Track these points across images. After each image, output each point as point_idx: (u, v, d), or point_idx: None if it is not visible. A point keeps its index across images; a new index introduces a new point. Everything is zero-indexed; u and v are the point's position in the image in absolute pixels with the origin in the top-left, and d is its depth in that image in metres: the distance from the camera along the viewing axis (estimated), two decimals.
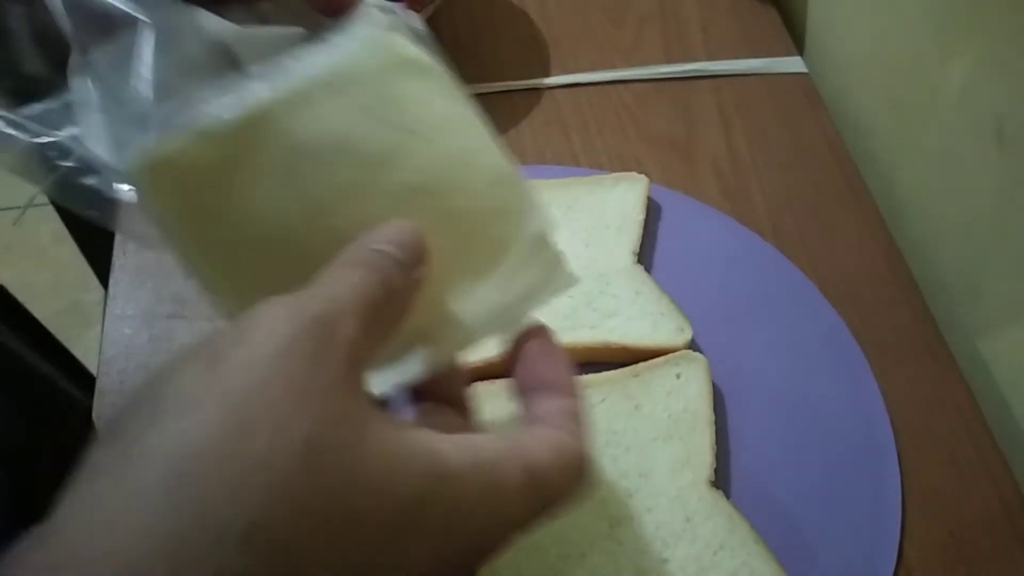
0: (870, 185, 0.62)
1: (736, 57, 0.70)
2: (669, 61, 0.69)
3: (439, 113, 0.28)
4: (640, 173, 0.58)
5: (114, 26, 0.27)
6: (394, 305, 0.24)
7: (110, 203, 0.27)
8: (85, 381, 0.62)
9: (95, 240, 1.07)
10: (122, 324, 0.53)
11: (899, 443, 0.48)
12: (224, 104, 0.25)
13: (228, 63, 0.29)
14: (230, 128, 0.25)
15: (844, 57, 0.69)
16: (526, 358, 0.27)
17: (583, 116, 0.66)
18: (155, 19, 0.27)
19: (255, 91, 0.26)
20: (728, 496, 0.45)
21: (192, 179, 0.26)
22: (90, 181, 0.27)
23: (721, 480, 0.46)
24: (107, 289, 0.55)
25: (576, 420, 0.26)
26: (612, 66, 0.69)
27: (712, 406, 0.47)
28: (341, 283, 0.23)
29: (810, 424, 0.49)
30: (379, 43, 0.28)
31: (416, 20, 0.30)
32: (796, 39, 0.73)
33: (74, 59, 0.27)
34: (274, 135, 0.26)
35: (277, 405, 0.19)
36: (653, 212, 0.58)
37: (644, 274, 0.53)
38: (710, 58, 0.70)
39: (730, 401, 0.49)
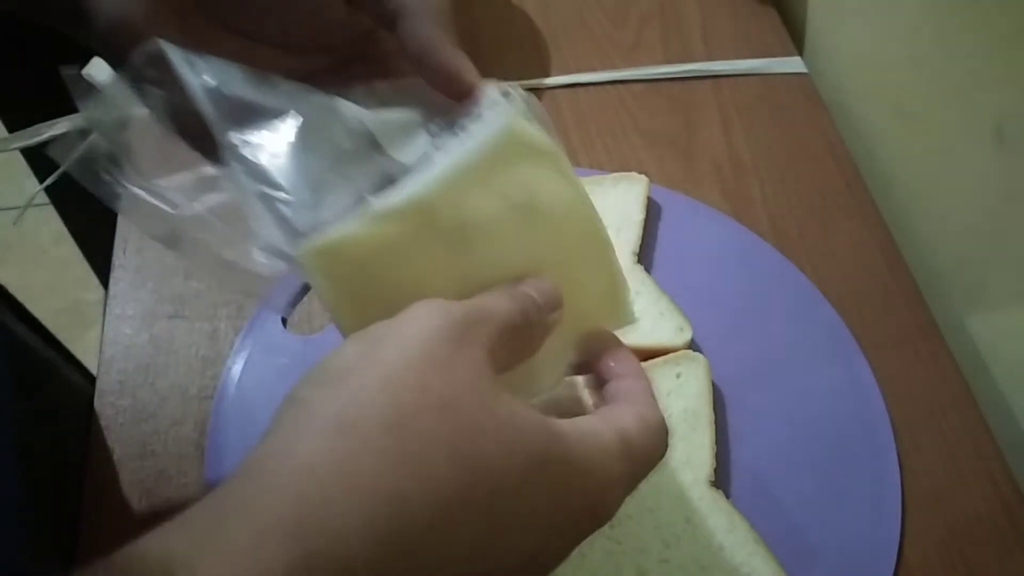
0: (870, 185, 0.62)
1: (736, 57, 0.70)
2: (669, 61, 0.69)
3: (564, 198, 0.32)
4: (640, 173, 0.58)
5: (255, 114, 0.29)
6: (527, 336, 0.28)
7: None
8: (84, 371, 0.62)
9: (95, 240, 1.07)
10: (122, 324, 0.53)
11: (899, 443, 0.48)
12: (388, 194, 0.29)
13: (368, 146, 0.31)
14: (395, 215, 0.29)
15: (844, 57, 0.69)
16: (602, 356, 0.32)
17: (583, 116, 0.66)
18: (299, 108, 0.29)
19: (413, 181, 0.29)
20: (728, 496, 0.45)
21: (361, 261, 0.29)
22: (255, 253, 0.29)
23: (721, 480, 0.46)
24: (107, 289, 0.55)
25: (649, 395, 0.30)
26: (612, 66, 0.69)
27: (712, 406, 0.47)
28: (487, 301, 0.27)
29: (810, 424, 0.49)
30: (510, 132, 0.31)
31: (534, 100, 0.33)
32: (796, 39, 0.73)
33: (220, 144, 0.29)
34: (429, 220, 0.29)
35: (423, 373, 0.23)
36: (653, 212, 0.58)
37: (644, 274, 0.53)
38: (710, 58, 0.70)
39: (730, 401, 0.49)
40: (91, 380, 0.52)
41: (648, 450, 0.28)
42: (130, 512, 0.46)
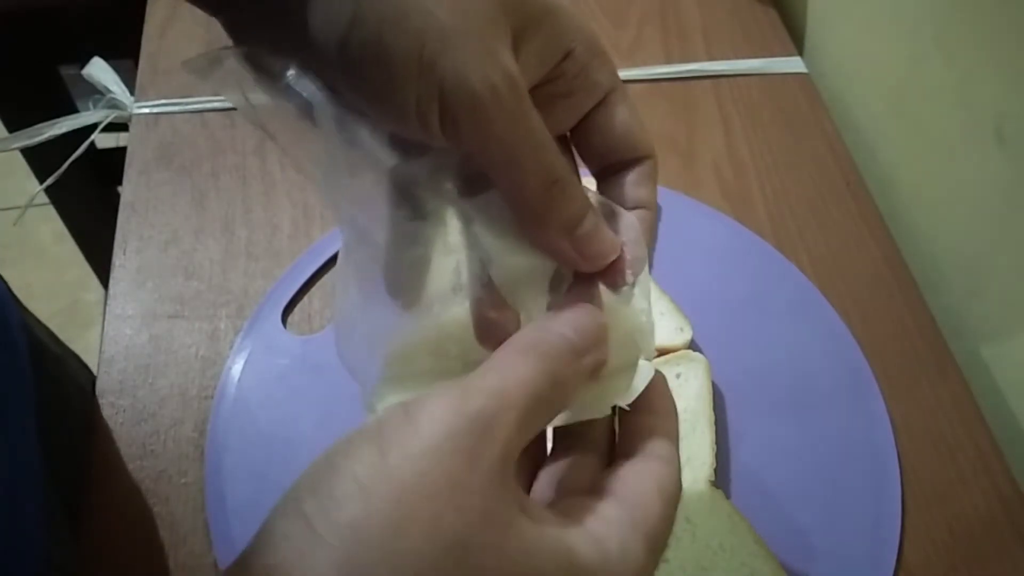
0: (870, 185, 0.62)
1: (736, 57, 0.70)
2: (669, 61, 0.70)
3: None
4: None
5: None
6: (558, 397, 0.25)
7: None
8: (86, 368, 0.62)
9: (95, 240, 1.07)
10: (122, 324, 0.53)
11: (899, 443, 0.48)
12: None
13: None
14: None
15: (844, 57, 0.69)
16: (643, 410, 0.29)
17: None
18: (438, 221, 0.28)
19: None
20: (728, 496, 0.45)
21: None
22: None
23: (721, 480, 0.46)
24: (107, 289, 0.55)
25: (671, 441, 0.28)
26: None
27: (712, 406, 0.47)
28: (509, 376, 0.23)
29: (810, 424, 0.49)
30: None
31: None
32: (796, 39, 0.73)
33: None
34: None
35: (434, 499, 0.21)
36: None
37: (644, 274, 0.53)
38: (710, 58, 0.70)
39: (730, 401, 0.49)
40: (92, 380, 0.52)
41: (667, 527, 0.26)
42: (130, 512, 0.46)
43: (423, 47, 0.24)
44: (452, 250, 0.29)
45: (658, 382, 0.29)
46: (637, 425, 0.28)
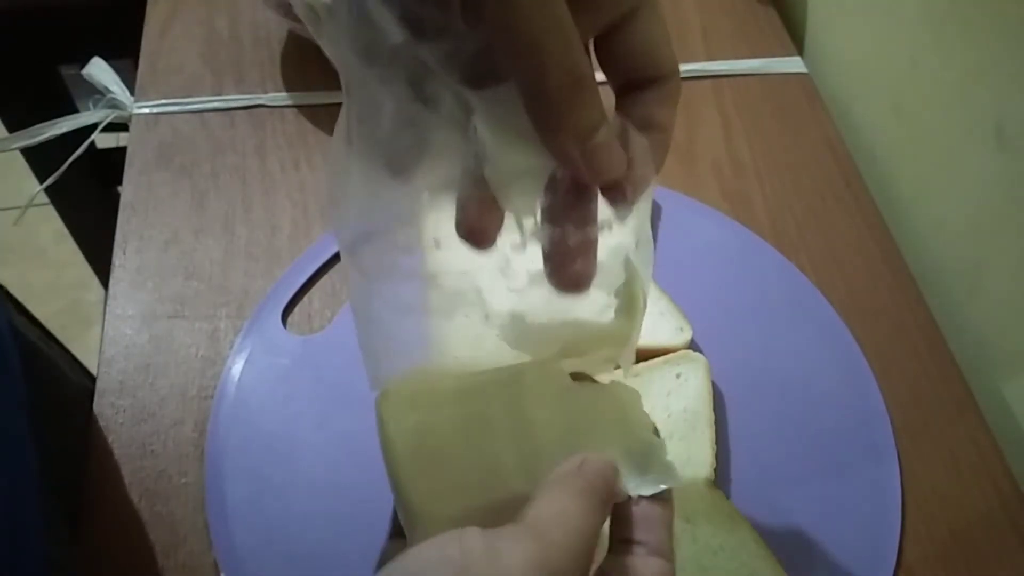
0: (870, 185, 0.62)
1: (736, 57, 0.70)
2: None
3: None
4: None
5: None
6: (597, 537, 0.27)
7: None
8: (85, 371, 0.62)
9: (95, 240, 1.07)
10: (122, 324, 0.53)
11: (899, 443, 0.48)
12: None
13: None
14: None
15: (844, 57, 0.69)
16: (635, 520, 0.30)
17: None
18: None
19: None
20: (728, 496, 0.45)
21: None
22: None
23: (721, 480, 0.46)
24: (107, 289, 0.55)
25: (670, 532, 0.29)
26: None
27: (712, 406, 0.47)
28: (571, 528, 0.25)
29: (810, 424, 0.49)
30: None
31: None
32: (796, 39, 0.73)
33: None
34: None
35: None
36: (653, 212, 0.58)
37: None
38: (710, 58, 0.70)
39: (730, 401, 0.49)
40: (91, 380, 0.52)
41: None
42: (130, 512, 0.46)
43: None
44: (448, 142, 0.28)
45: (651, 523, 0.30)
46: (634, 512, 0.29)
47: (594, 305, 0.32)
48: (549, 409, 0.31)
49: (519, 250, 0.30)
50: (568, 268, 0.29)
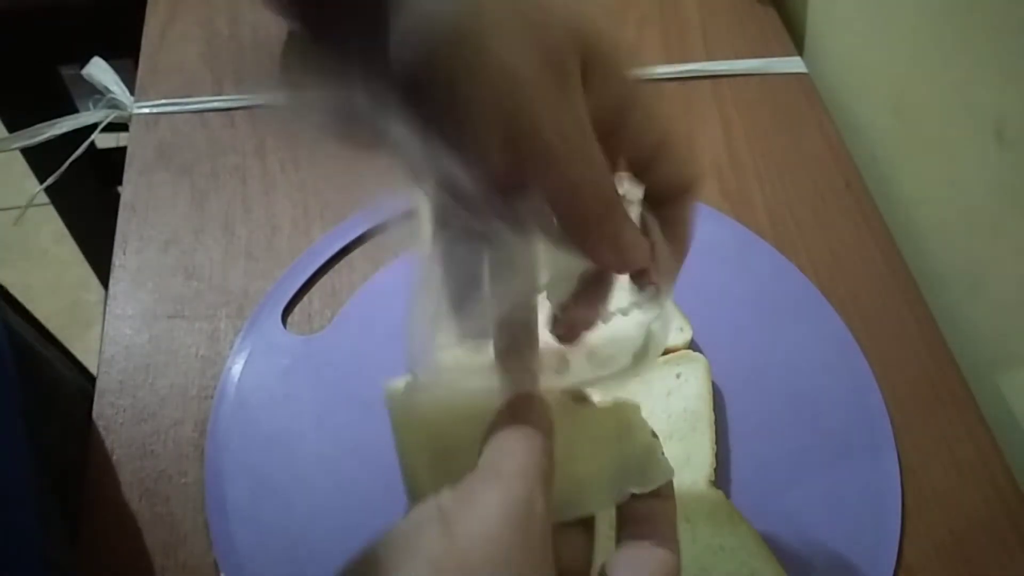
0: (870, 185, 0.62)
1: (736, 57, 0.70)
2: (669, 61, 0.69)
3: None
4: None
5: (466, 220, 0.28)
6: (551, 467, 0.28)
7: None
8: (84, 371, 0.62)
9: (95, 240, 1.07)
10: (122, 324, 0.53)
11: (899, 443, 0.48)
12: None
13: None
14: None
15: (844, 57, 0.69)
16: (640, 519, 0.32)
17: None
18: (500, 248, 0.29)
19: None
20: (728, 496, 0.45)
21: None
22: None
23: (721, 480, 0.46)
24: (107, 289, 0.55)
25: (672, 524, 0.31)
26: None
27: (712, 406, 0.47)
28: (524, 460, 0.27)
29: (810, 424, 0.49)
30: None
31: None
32: (796, 39, 0.73)
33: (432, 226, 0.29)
34: None
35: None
36: None
37: None
38: (710, 58, 0.70)
39: (730, 401, 0.49)
40: (91, 380, 0.52)
41: None
42: (130, 512, 0.46)
43: (499, 101, 0.25)
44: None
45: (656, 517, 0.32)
46: (638, 509, 0.31)
47: (613, 365, 0.34)
48: None
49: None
50: (571, 334, 0.32)
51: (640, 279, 0.31)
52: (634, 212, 0.31)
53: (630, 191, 0.31)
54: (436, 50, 0.25)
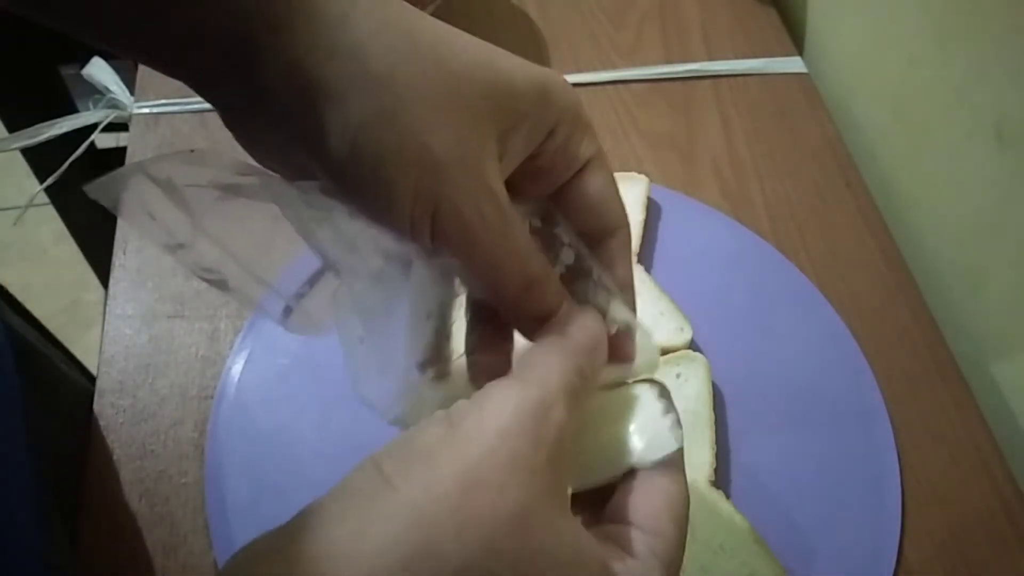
0: (870, 185, 0.62)
1: (736, 57, 0.70)
2: (669, 61, 0.70)
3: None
4: (640, 173, 0.58)
5: (371, 256, 0.29)
6: (584, 388, 0.28)
7: None
8: (84, 371, 0.62)
9: (95, 240, 1.07)
10: (122, 324, 0.53)
11: (899, 443, 0.48)
12: None
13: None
14: None
15: (844, 57, 0.69)
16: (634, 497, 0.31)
17: None
18: (416, 275, 0.29)
19: None
20: (728, 496, 0.45)
21: None
22: None
23: (721, 480, 0.46)
24: (107, 289, 0.55)
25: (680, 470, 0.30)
26: (612, 66, 0.69)
27: (712, 406, 0.47)
28: (552, 370, 0.27)
29: (810, 424, 0.49)
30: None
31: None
32: (796, 39, 0.73)
33: (340, 284, 0.30)
34: None
35: (501, 471, 0.23)
36: (653, 212, 0.58)
37: (644, 274, 0.53)
38: (710, 58, 0.70)
39: (730, 401, 0.49)
40: (91, 380, 0.52)
41: (681, 556, 0.29)
42: (130, 512, 0.46)
43: (419, 180, 0.26)
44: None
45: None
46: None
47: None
48: None
49: None
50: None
51: (619, 356, 0.31)
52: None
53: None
54: (359, 137, 0.25)
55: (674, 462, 0.29)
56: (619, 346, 0.31)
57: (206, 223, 0.27)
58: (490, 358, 0.31)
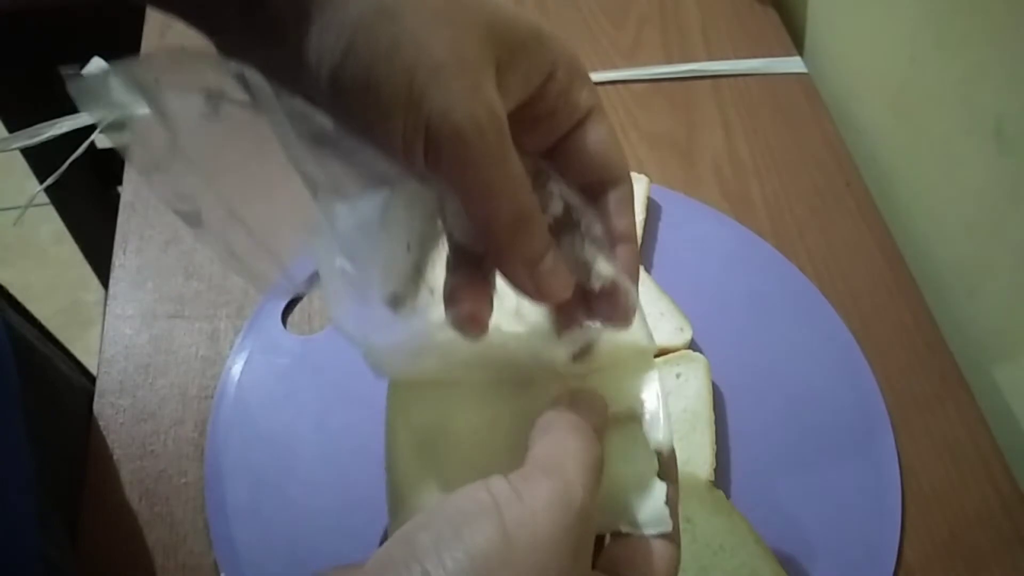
0: (870, 185, 0.62)
1: (736, 57, 0.70)
2: (669, 61, 0.70)
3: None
4: (640, 173, 0.58)
5: (357, 179, 0.27)
6: (601, 470, 0.28)
7: None
8: (84, 371, 0.62)
9: (95, 240, 1.07)
10: (122, 324, 0.53)
11: (899, 443, 0.48)
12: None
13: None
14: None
15: (844, 57, 0.69)
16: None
17: None
18: (401, 192, 0.27)
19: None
20: (728, 496, 0.45)
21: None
22: None
23: (721, 480, 0.46)
24: (107, 289, 0.55)
25: (675, 515, 0.30)
26: (612, 66, 0.69)
27: (712, 406, 0.47)
28: (583, 461, 0.27)
29: (810, 424, 0.49)
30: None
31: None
32: (796, 39, 0.73)
33: (319, 208, 0.28)
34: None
35: None
36: (653, 212, 0.58)
37: (644, 274, 0.53)
38: (710, 58, 0.70)
39: (730, 401, 0.49)
40: (91, 380, 0.52)
41: None
42: (130, 512, 0.46)
43: (412, 80, 0.24)
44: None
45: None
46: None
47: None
48: None
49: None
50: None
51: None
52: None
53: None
54: (355, 37, 0.24)
55: (671, 534, 0.29)
56: (605, 303, 0.30)
57: (187, 144, 0.26)
58: (467, 304, 0.29)
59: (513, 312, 0.31)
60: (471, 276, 0.30)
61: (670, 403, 0.47)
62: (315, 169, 0.27)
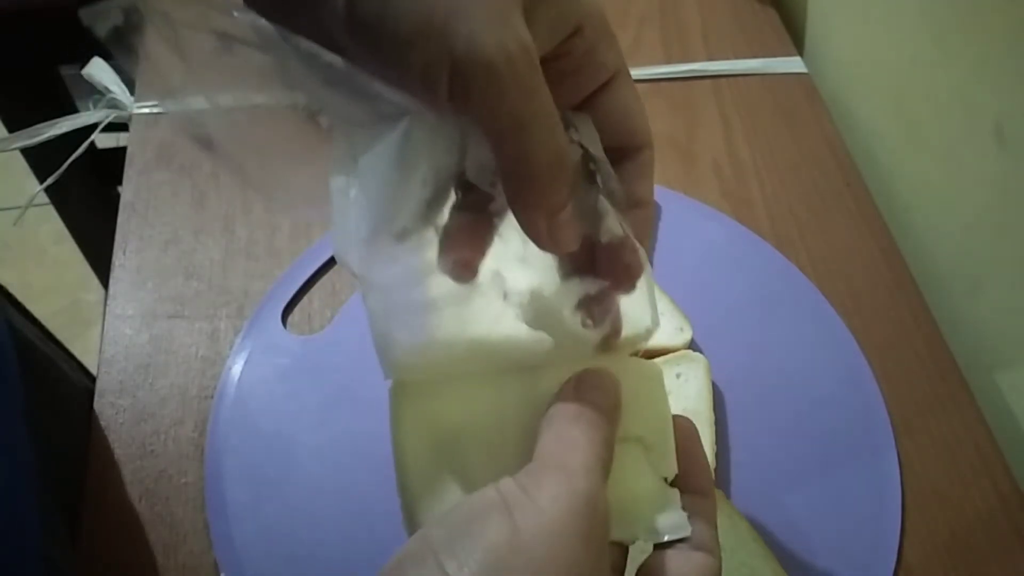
0: (870, 185, 0.62)
1: (736, 57, 0.70)
2: (669, 61, 0.70)
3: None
4: None
5: (370, 116, 0.26)
6: (610, 454, 0.28)
7: None
8: (85, 371, 0.62)
9: (95, 240, 1.07)
10: (122, 324, 0.53)
11: (899, 443, 0.48)
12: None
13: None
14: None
15: (844, 57, 0.69)
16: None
17: None
18: (419, 125, 0.26)
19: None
20: (728, 496, 0.45)
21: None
22: None
23: (721, 480, 0.46)
24: (107, 289, 0.55)
25: (712, 524, 0.30)
26: None
27: (712, 406, 0.47)
28: (586, 450, 0.27)
29: (810, 424, 0.49)
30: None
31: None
32: (796, 39, 0.73)
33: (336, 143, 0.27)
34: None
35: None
36: (653, 212, 0.58)
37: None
38: (710, 58, 0.70)
39: (730, 401, 0.49)
40: (91, 380, 0.52)
41: None
42: (130, 512, 0.46)
43: (434, 9, 0.23)
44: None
45: (691, 446, 0.32)
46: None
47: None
48: None
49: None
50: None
51: (625, 285, 0.30)
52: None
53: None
54: None
55: (711, 543, 0.29)
56: (613, 259, 0.29)
57: (200, 73, 0.25)
58: (462, 250, 0.28)
59: (519, 258, 0.30)
60: (473, 220, 0.28)
61: (670, 403, 0.47)
62: (329, 108, 0.26)
